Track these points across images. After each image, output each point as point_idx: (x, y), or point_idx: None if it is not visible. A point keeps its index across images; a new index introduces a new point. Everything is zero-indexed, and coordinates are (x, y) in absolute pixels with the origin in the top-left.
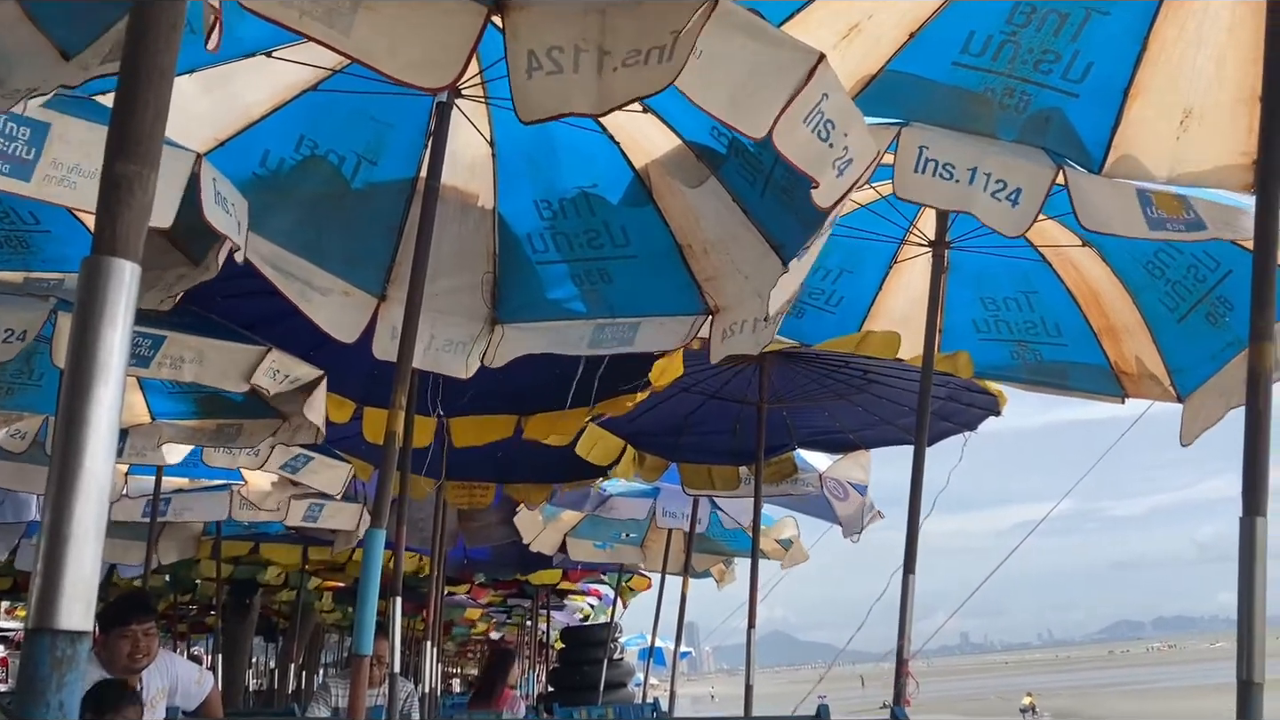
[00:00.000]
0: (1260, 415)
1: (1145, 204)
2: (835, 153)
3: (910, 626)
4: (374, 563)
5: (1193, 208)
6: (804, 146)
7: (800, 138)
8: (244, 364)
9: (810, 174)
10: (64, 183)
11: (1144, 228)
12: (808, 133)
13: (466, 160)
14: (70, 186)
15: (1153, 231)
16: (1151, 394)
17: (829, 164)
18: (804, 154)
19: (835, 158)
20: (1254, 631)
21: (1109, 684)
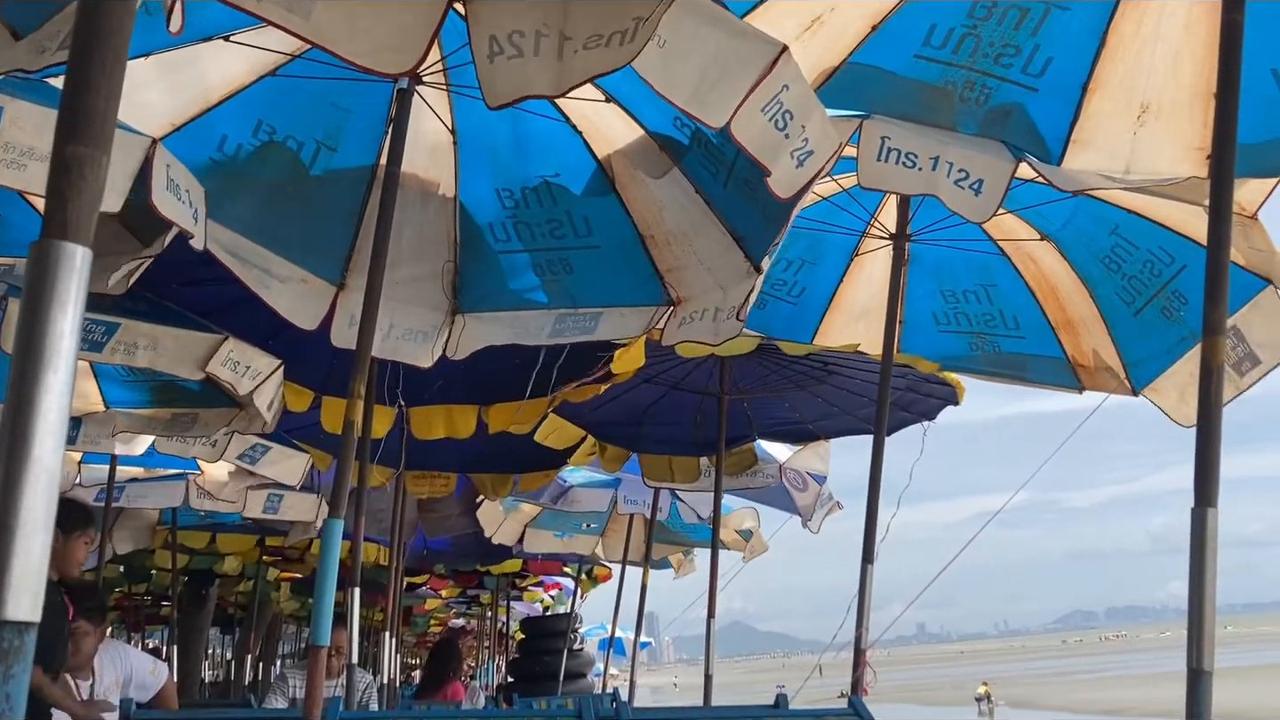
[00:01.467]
0: (1212, 408)
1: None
2: (793, 143)
3: (868, 616)
4: (332, 553)
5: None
6: (759, 135)
7: (756, 126)
8: (199, 352)
9: (763, 162)
10: (15, 165)
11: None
12: (764, 121)
13: (427, 148)
14: (21, 169)
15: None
16: (1107, 387)
17: (785, 154)
18: (758, 142)
19: (793, 148)
20: (1204, 620)
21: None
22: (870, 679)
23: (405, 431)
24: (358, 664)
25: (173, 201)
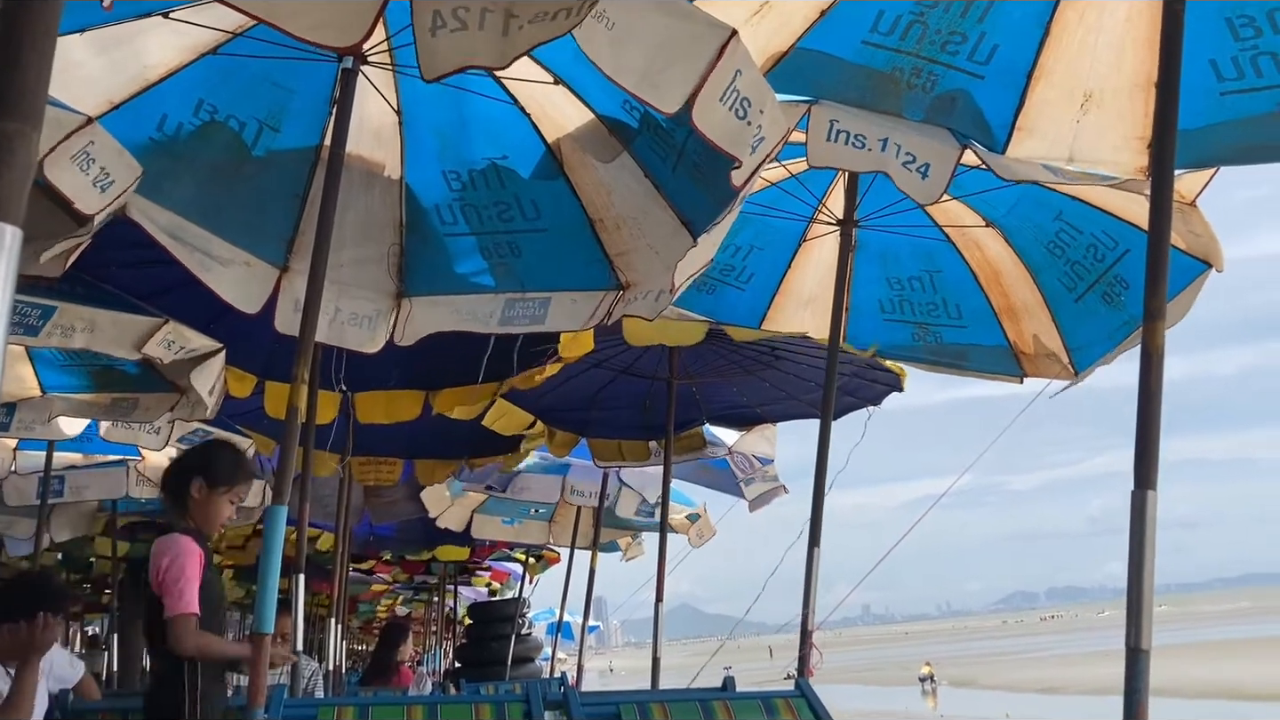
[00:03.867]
0: (1152, 392)
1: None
2: (752, 131)
3: (815, 599)
4: (275, 540)
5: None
6: (722, 125)
7: (718, 117)
8: (138, 334)
9: (732, 153)
10: None
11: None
12: (725, 111)
13: (373, 129)
14: None
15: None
16: (1049, 372)
17: (747, 142)
18: (723, 133)
19: (752, 136)
20: (1142, 600)
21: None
22: (816, 660)
23: (351, 417)
24: (303, 651)
25: (73, 172)
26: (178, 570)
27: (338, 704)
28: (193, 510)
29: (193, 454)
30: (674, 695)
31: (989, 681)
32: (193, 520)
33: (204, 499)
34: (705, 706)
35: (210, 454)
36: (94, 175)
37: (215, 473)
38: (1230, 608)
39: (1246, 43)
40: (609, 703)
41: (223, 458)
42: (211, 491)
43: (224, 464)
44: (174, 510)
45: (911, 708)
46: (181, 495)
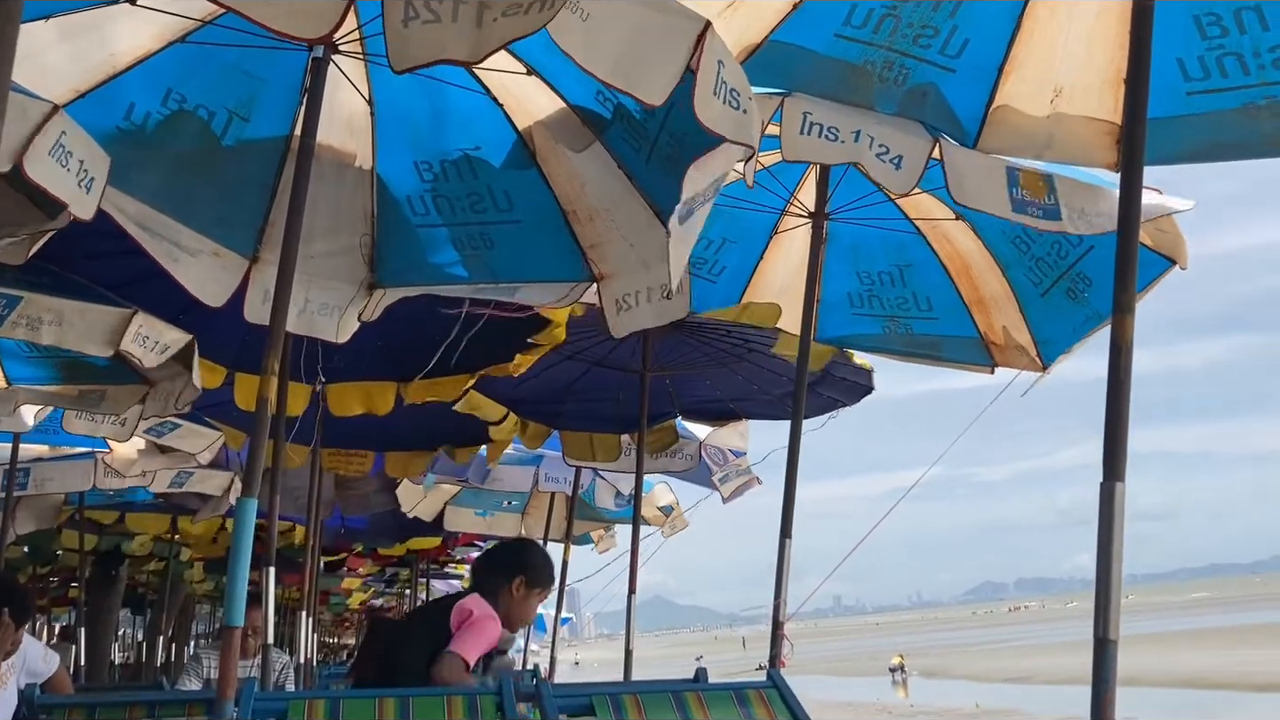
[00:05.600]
0: (1121, 385)
1: (1012, 184)
2: (750, 119)
3: (786, 590)
4: (245, 532)
5: (1054, 191)
6: (723, 119)
7: (718, 111)
8: (108, 327)
9: (741, 142)
10: None
11: (1007, 208)
12: (721, 105)
13: (344, 119)
14: None
15: (1014, 213)
16: (1019, 364)
17: (749, 130)
18: (728, 126)
19: (751, 124)
20: (1111, 591)
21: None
22: (788, 651)
23: (322, 409)
24: (274, 644)
25: (52, 168)
26: (480, 627)
27: (309, 697)
28: (509, 605)
29: (512, 552)
30: (647, 687)
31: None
32: (503, 611)
33: (522, 598)
34: (678, 698)
35: (532, 555)
36: (75, 171)
37: (538, 576)
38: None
39: (1213, 42)
40: (582, 695)
41: (541, 559)
42: (529, 592)
43: (546, 568)
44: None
45: (883, 698)
46: (497, 590)
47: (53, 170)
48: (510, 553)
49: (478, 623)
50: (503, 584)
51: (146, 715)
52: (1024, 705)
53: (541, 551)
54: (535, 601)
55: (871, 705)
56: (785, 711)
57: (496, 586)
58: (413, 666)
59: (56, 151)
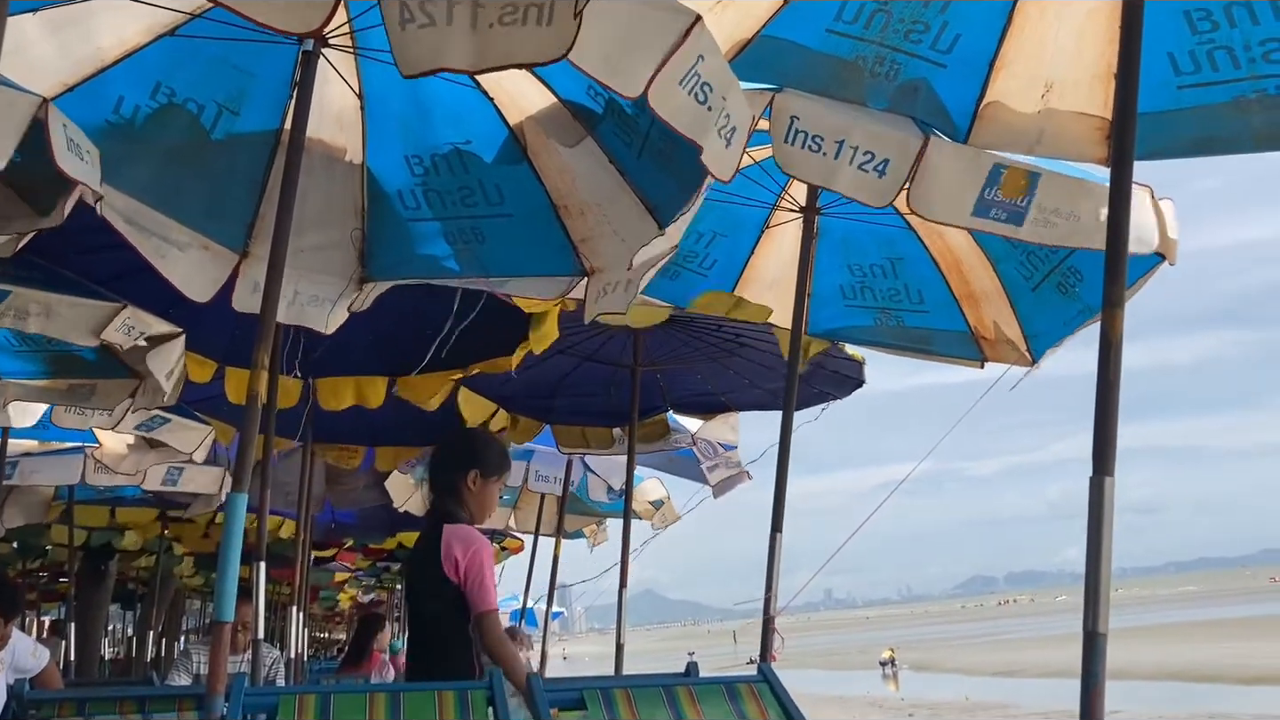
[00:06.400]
0: (1110, 380)
1: (990, 183)
2: (715, 117)
3: (777, 584)
4: (235, 527)
5: (1032, 193)
6: (681, 109)
7: (677, 101)
8: (95, 320)
9: (691, 138)
10: None
11: (967, 213)
12: (684, 95)
13: (334, 113)
14: None
15: (973, 218)
16: (1008, 358)
17: (712, 129)
18: (684, 118)
19: (719, 125)
20: (1100, 585)
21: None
22: (779, 645)
23: (312, 403)
24: (265, 639)
25: (76, 162)
26: (479, 565)
27: (299, 692)
28: (468, 500)
29: (460, 446)
30: (638, 681)
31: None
32: (467, 510)
33: (479, 489)
34: (669, 692)
35: (480, 444)
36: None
37: (488, 463)
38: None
39: (1204, 36)
40: (573, 689)
41: (492, 448)
42: (485, 482)
43: (494, 454)
44: (446, 498)
45: (873, 691)
46: (454, 486)
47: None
48: (459, 447)
49: (477, 560)
50: (458, 480)
51: (136, 710)
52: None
53: (488, 437)
54: (494, 490)
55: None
56: (776, 705)
57: (453, 484)
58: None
59: (73, 147)
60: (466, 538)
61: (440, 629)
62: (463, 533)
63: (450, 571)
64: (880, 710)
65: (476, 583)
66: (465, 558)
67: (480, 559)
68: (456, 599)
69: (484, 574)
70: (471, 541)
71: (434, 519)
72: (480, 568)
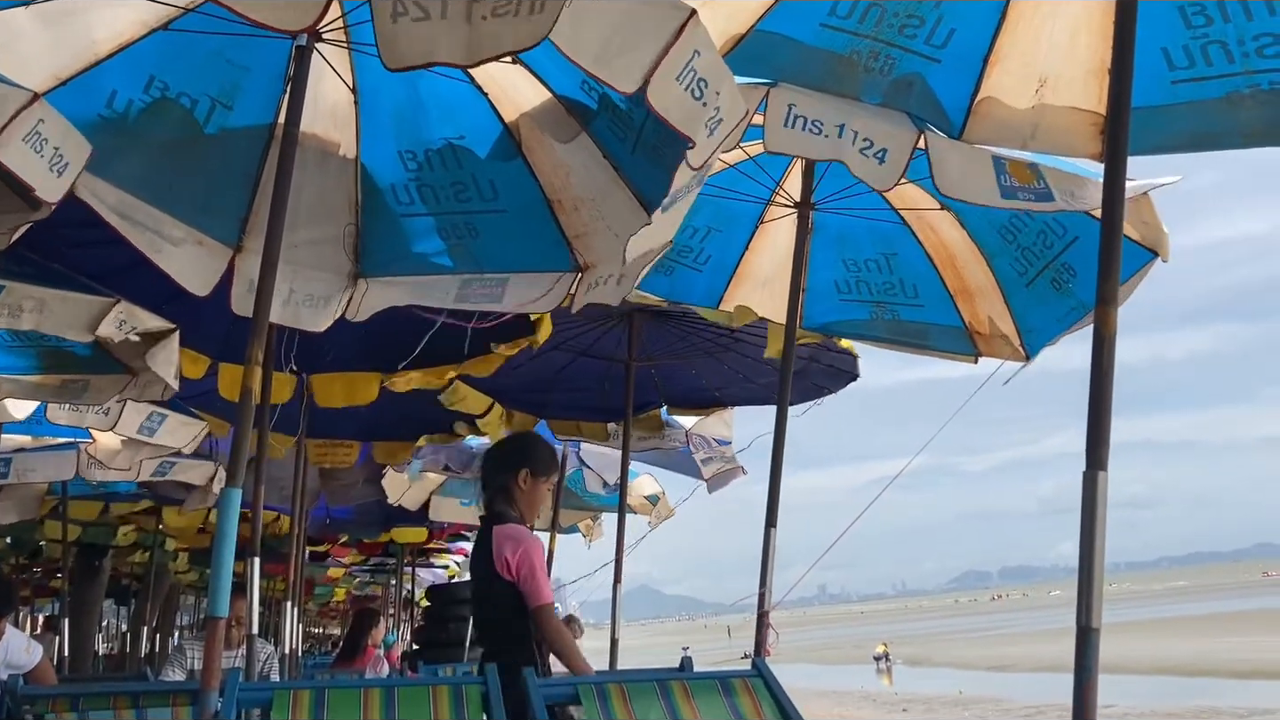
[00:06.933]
0: (1104, 375)
1: (999, 171)
2: (708, 112)
3: (771, 579)
4: (229, 523)
5: (1043, 177)
6: (678, 104)
7: (674, 96)
8: (89, 315)
9: (685, 133)
10: None
11: (997, 196)
12: (681, 91)
13: (327, 107)
14: None
15: (1004, 200)
16: (1003, 354)
17: (702, 123)
18: (678, 112)
19: (708, 117)
20: (1093, 580)
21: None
22: (773, 640)
23: (306, 399)
24: (259, 634)
25: (26, 154)
26: (530, 563)
27: (294, 687)
28: (519, 499)
29: (512, 447)
30: (632, 676)
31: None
32: (518, 509)
33: (530, 489)
34: (663, 687)
35: (529, 445)
36: (49, 157)
37: (538, 462)
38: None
39: (1197, 31)
40: (568, 684)
41: (542, 448)
42: (535, 481)
43: (545, 454)
44: (497, 499)
45: (867, 686)
46: (506, 486)
47: (24, 155)
48: (510, 448)
49: (527, 557)
50: (509, 480)
51: (130, 706)
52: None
53: (540, 439)
54: (544, 491)
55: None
56: (770, 700)
57: (504, 484)
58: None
59: (31, 138)
60: (515, 536)
61: (501, 624)
62: (511, 532)
63: (503, 570)
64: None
65: (529, 579)
66: (515, 556)
67: (530, 556)
68: (513, 595)
69: (535, 570)
70: (520, 540)
71: (486, 520)
72: (531, 564)
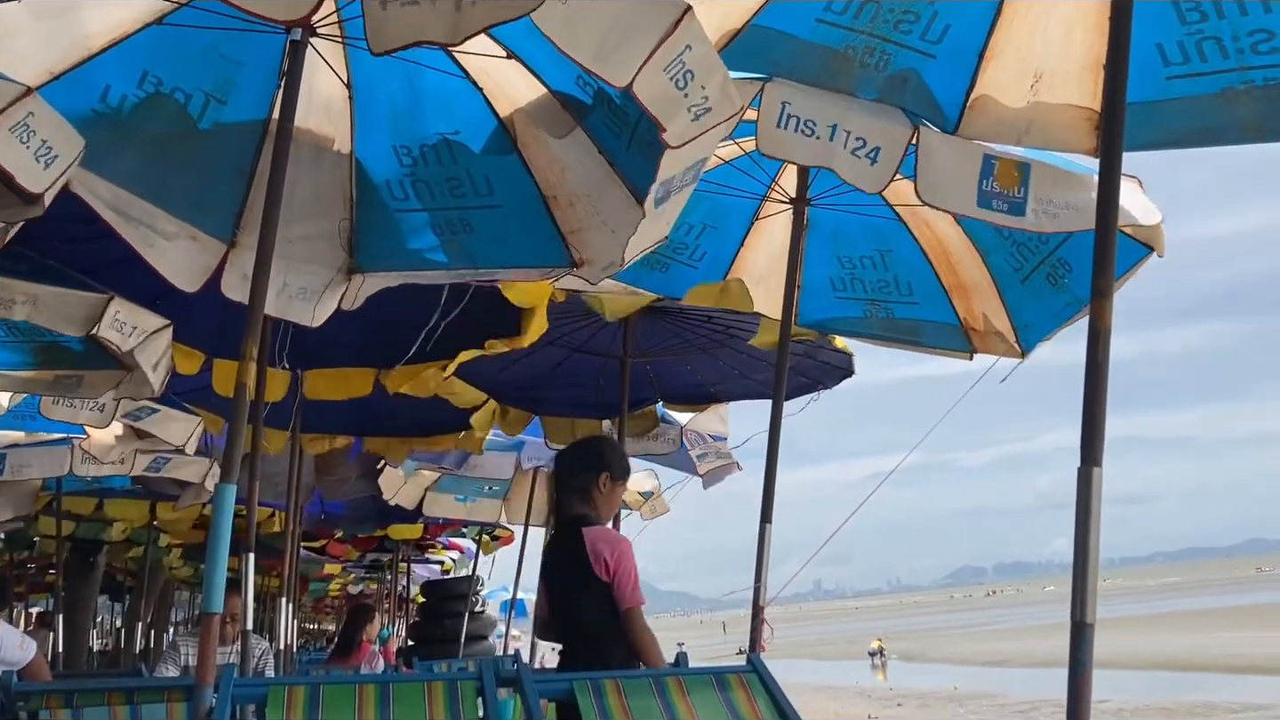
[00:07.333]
0: (1099, 370)
1: (985, 174)
2: (691, 101)
3: (767, 574)
4: (224, 518)
5: (1027, 182)
6: (657, 92)
7: (656, 84)
8: (83, 311)
9: (659, 119)
10: None
11: (972, 204)
12: (665, 80)
13: (322, 102)
14: None
15: (979, 208)
16: (997, 350)
17: (681, 111)
18: (656, 99)
19: (690, 105)
20: (1088, 575)
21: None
22: (768, 636)
23: (300, 394)
24: (254, 630)
25: (11, 145)
26: (627, 565)
27: (288, 683)
28: (598, 501)
29: (592, 450)
30: (627, 672)
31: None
32: (596, 510)
33: (609, 492)
34: (658, 682)
35: (608, 449)
36: (35, 148)
37: (618, 467)
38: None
39: (1192, 27)
40: (563, 680)
41: (619, 452)
42: (614, 484)
43: (622, 458)
44: (576, 501)
45: (862, 681)
46: (586, 488)
47: (8, 144)
48: (590, 452)
49: (625, 559)
50: (590, 483)
51: (125, 702)
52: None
53: (615, 443)
54: (620, 493)
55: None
56: (765, 695)
57: (583, 486)
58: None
59: (19, 129)
60: (612, 539)
61: (593, 627)
62: (607, 534)
63: (601, 572)
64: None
65: (624, 580)
66: (614, 557)
67: (628, 558)
68: (607, 597)
69: (632, 571)
70: (618, 542)
71: (569, 522)
72: (628, 566)
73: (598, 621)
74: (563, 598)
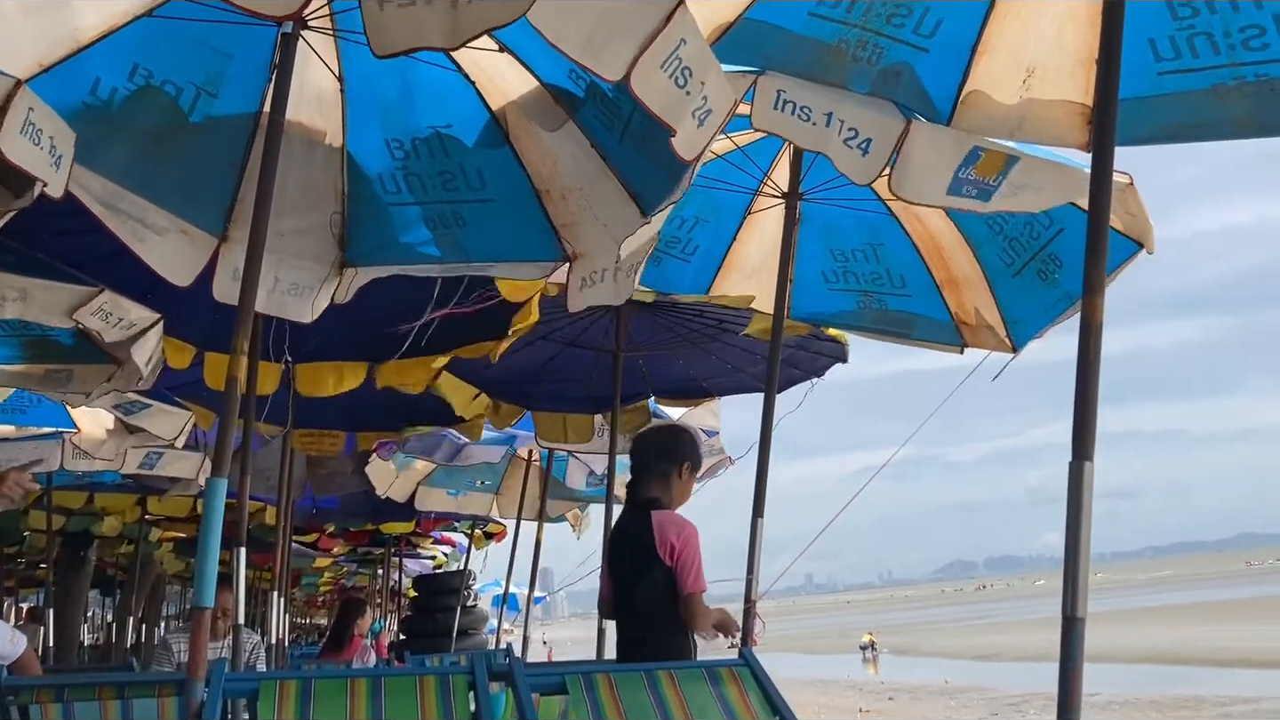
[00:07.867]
0: (1090, 365)
1: (967, 163)
2: (693, 101)
3: (758, 569)
4: (215, 513)
5: (1006, 172)
6: (661, 93)
7: (658, 84)
8: (72, 304)
9: (667, 122)
10: None
11: (942, 192)
12: (665, 79)
13: (313, 96)
14: None
15: (949, 196)
16: (989, 344)
17: (687, 112)
18: (661, 101)
19: (694, 107)
20: (1079, 569)
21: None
22: (759, 629)
23: (292, 388)
24: (245, 625)
25: (26, 146)
26: (693, 551)
27: (280, 677)
28: (675, 489)
29: (677, 439)
30: (619, 666)
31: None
32: (670, 497)
33: (686, 480)
34: (650, 676)
35: (689, 440)
36: (46, 149)
37: (698, 458)
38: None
39: (1184, 22)
40: (554, 674)
41: (698, 445)
42: (692, 475)
43: (699, 450)
44: (654, 485)
45: (853, 675)
46: (667, 475)
47: (26, 148)
48: (673, 439)
49: (691, 544)
50: (671, 470)
51: (116, 696)
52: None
53: (694, 435)
54: (692, 485)
55: (842, 682)
56: (757, 689)
57: (665, 472)
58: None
59: (28, 129)
60: (680, 524)
61: (653, 609)
62: (676, 519)
63: (665, 555)
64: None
65: (689, 565)
66: (680, 542)
67: (694, 543)
68: (669, 581)
69: (697, 557)
70: (684, 527)
71: (641, 505)
72: (693, 551)
73: (657, 603)
74: (625, 577)
